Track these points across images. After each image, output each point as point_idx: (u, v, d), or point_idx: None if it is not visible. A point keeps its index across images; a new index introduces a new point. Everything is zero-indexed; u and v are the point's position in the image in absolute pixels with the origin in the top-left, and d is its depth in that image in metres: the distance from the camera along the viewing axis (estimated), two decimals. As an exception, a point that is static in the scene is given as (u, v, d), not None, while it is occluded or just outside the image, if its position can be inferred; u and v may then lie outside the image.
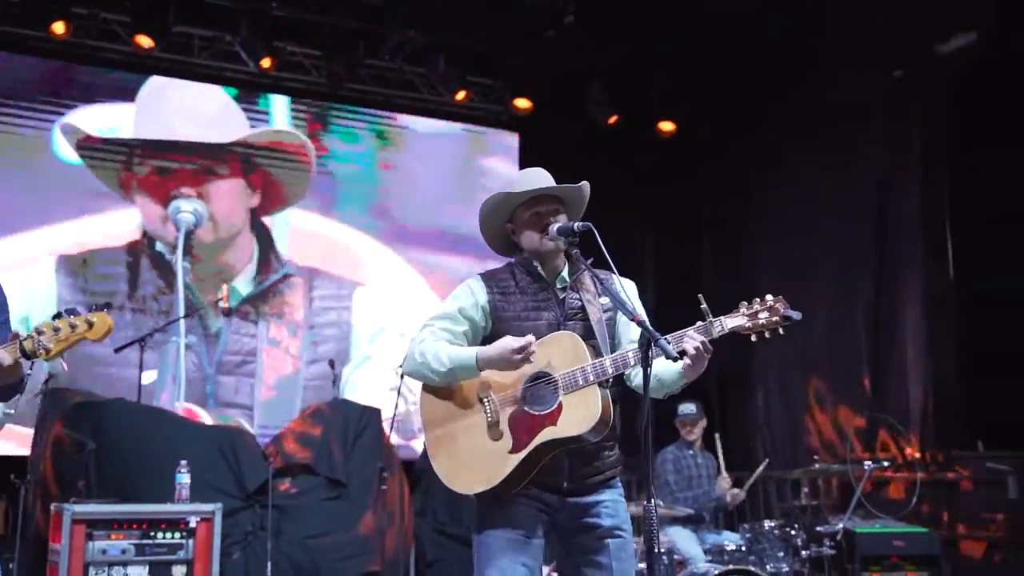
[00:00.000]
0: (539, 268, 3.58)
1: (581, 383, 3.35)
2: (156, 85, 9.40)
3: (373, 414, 7.46)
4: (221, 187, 9.40)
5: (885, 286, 8.99)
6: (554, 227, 3.48)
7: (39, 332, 3.12)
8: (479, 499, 3.48)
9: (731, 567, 6.28)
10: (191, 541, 5.82)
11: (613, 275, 3.48)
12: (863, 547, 6.77)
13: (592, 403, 3.35)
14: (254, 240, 9.55)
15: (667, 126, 10.58)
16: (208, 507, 5.92)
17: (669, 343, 3.09)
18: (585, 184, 3.60)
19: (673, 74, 10.21)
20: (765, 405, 10.01)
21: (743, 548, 6.60)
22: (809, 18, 9.14)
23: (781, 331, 3.33)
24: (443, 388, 3.51)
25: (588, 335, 3.46)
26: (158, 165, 9.20)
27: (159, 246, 9.10)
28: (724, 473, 7.12)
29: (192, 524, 5.83)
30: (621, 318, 3.56)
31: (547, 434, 3.34)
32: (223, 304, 7.69)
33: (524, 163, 10.68)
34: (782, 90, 9.65)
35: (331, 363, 8.30)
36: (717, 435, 7.22)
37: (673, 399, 3.84)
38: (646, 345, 3.07)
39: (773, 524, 6.70)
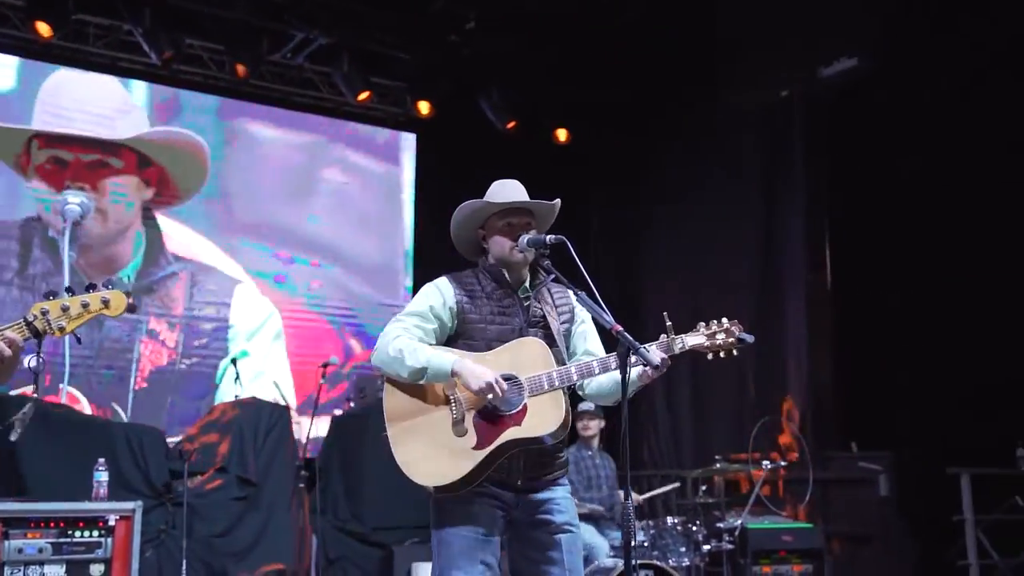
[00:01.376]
0: (506, 275, 3.72)
1: (547, 387, 3.54)
2: (59, 78, 9.35)
3: (283, 412, 7.48)
4: (114, 181, 9.39)
5: (769, 295, 9.48)
6: (524, 238, 3.65)
7: (44, 312, 3.03)
8: (438, 495, 3.56)
9: (635, 562, 6.52)
10: (110, 539, 5.72)
11: (567, 288, 3.71)
12: (754, 542, 7.17)
13: (556, 407, 3.55)
14: (143, 233, 9.57)
15: (562, 133, 10.88)
16: (128, 505, 5.83)
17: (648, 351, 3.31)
18: (557, 202, 3.79)
19: (571, 82, 10.50)
20: (650, 409, 10.38)
21: (646, 544, 6.84)
22: (703, 38, 9.58)
23: (735, 352, 3.64)
24: (409, 384, 3.57)
25: (549, 343, 3.66)
26: (54, 155, 9.16)
27: (51, 230, 9.09)
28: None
29: (111, 522, 5.75)
30: (576, 329, 3.81)
31: (511, 434, 3.50)
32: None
33: (422, 165, 10.84)
34: (674, 104, 10.06)
35: (233, 361, 8.28)
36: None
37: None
38: (625, 353, 3.27)
39: (676, 520, 7.01)
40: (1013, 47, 7.77)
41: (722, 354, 3.64)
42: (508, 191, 3.77)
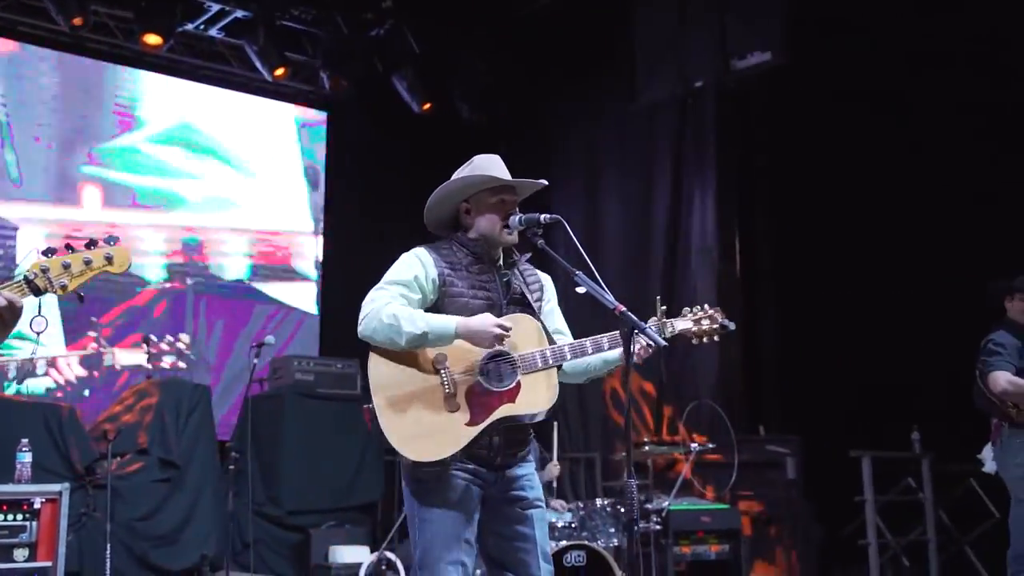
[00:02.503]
0: (488, 250, 3.69)
1: (540, 365, 3.54)
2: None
3: (204, 392, 7.30)
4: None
5: (679, 283, 9.64)
6: (517, 217, 3.64)
7: (44, 270, 2.82)
8: (419, 470, 3.48)
9: (565, 543, 6.55)
10: (34, 523, 5.50)
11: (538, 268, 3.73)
12: (675, 523, 7.29)
13: (550, 386, 3.57)
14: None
15: (476, 114, 10.84)
16: (54, 487, 5.61)
17: (655, 330, 3.35)
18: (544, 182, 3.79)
19: (484, 64, 10.47)
20: (560, 391, 10.41)
21: (574, 525, 6.89)
22: (620, 26, 9.68)
23: (716, 338, 3.74)
24: (397, 353, 3.48)
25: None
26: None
27: None
28: (555, 461, 7.43)
29: (36, 505, 5.52)
30: (544, 308, 3.80)
31: (504, 411, 3.47)
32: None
33: (333, 143, 10.66)
34: (589, 89, 10.14)
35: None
36: (555, 423, 7.48)
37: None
38: (628, 333, 3.29)
39: (605, 502, 7.08)
40: (922, 46, 8.07)
41: (704, 339, 3.72)
42: (496, 166, 3.73)
